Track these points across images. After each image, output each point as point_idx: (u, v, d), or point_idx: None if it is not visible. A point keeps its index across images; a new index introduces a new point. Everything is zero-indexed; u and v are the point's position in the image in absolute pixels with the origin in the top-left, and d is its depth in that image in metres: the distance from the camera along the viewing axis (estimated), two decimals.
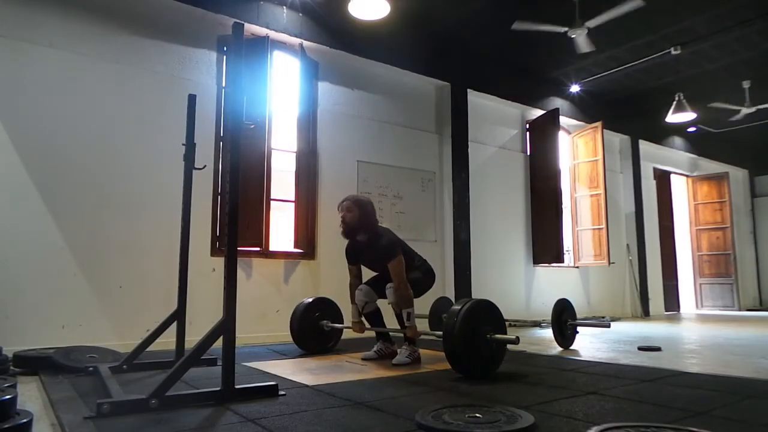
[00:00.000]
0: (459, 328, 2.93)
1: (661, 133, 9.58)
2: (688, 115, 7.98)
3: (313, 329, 4.13)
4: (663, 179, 9.93)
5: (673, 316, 8.77)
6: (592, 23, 5.27)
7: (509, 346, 4.58)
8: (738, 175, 11.31)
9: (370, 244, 3.72)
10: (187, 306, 3.35)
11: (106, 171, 4.36)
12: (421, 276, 3.81)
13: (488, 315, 3.13)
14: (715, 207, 10.35)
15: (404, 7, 5.54)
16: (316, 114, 5.62)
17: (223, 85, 5.06)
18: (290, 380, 2.92)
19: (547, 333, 5.40)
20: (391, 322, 3.93)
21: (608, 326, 4.66)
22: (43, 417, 2.21)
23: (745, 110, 7.90)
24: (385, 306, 3.83)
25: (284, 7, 5.35)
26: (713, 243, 10.34)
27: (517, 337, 3.01)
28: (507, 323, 3.28)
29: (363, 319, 3.85)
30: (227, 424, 2.01)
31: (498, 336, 3.05)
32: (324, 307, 4.25)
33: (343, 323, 4.27)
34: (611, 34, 5.98)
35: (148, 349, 3.20)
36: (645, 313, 8.55)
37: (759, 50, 6.78)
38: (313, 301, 4.25)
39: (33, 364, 3.24)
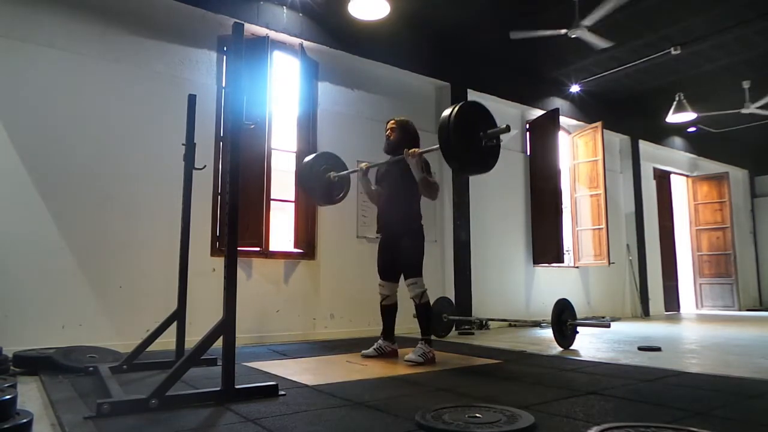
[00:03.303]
0: (454, 124, 2.97)
1: (661, 133, 9.58)
2: (688, 115, 7.97)
3: (321, 182, 4.16)
4: (663, 179, 9.93)
5: (673, 316, 8.77)
6: (588, 21, 5.24)
7: (510, 346, 4.58)
8: (738, 175, 11.30)
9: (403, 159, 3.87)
10: (187, 306, 3.36)
11: (106, 171, 4.36)
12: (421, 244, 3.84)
13: (480, 115, 3.15)
14: (715, 207, 10.34)
15: (404, 7, 5.54)
16: (316, 114, 5.62)
17: (223, 85, 5.06)
18: (290, 380, 2.92)
19: (547, 333, 5.40)
20: (401, 324, 3.94)
21: (608, 326, 4.67)
22: (43, 417, 2.21)
23: (756, 104, 7.84)
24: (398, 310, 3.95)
25: (284, 7, 5.35)
26: (713, 243, 10.33)
27: (508, 126, 3.05)
28: (507, 323, 3.29)
29: (369, 180, 4.01)
30: (227, 424, 2.01)
31: (490, 131, 3.09)
32: (328, 160, 4.26)
33: (347, 169, 4.29)
34: (611, 34, 5.96)
35: (148, 349, 3.20)
36: (645, 313, 8.55)
37: (759, 50, 6.78)
38: (316, 155, 4.28)
39: (33, 364, 3.24)
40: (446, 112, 3.07)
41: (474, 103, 3.24)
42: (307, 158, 4.23)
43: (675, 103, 7.88)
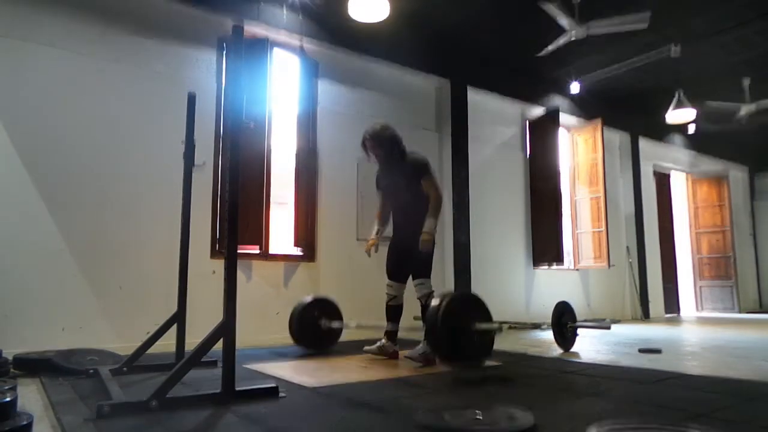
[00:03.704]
0: (441, 325, 2.94)
1: (661, 131, 9.56)
2: (688, 113, 7.96)
3: (312, 328, 4.12)
4: (663, 180, 9.93)
5: (673, 319, 8.77)
6: (594, 30, 5.27)
7: (511, 348, 4.58)
8: (738, 174, 11.29)
9: (400, 162, 3.85)
10: (187, 308, 3.35)
11: (106, 171, 4.35)
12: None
13: (469, 307, 3.14)
14: (714, 209, 10.34)
15: (404, 6, 5.53)
16: (315, 113, 5.61)
17: (223, 84, 5.06)
18: (290, 382, 2.91)
19: (548, 335, 5.39)
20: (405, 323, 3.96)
21: (608, 328, 4.66)
22: (44, 419, 2.20)
23: (746, 108, 7.86)
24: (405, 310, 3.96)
25: (284, 6, 5.35)
26: (713, 245, 10.33)
27: (500, 326, 3.03)
28: (507, 325, 3.30)
29: (378, 241, 3.96)
30: (227, 426, 2.01)
31: (482, 327, 3.08)
32: (323, 306, 4.24)
33: (342, 320, 4.27)
34: (612, 33, 5.97)
35: (148, 351, 3.20)
36: (645, 316, 8.54)
37: (759, 50, 6.78)
38: (312, 300, 4.25)
39: (33, 366, 3.23)
40: (434, 303, 3.04)
41: (466, 296, 3.23)
42: (300, 303, 4.16)
43: (675, 100, 7.87)
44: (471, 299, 3.18)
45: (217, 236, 4.87)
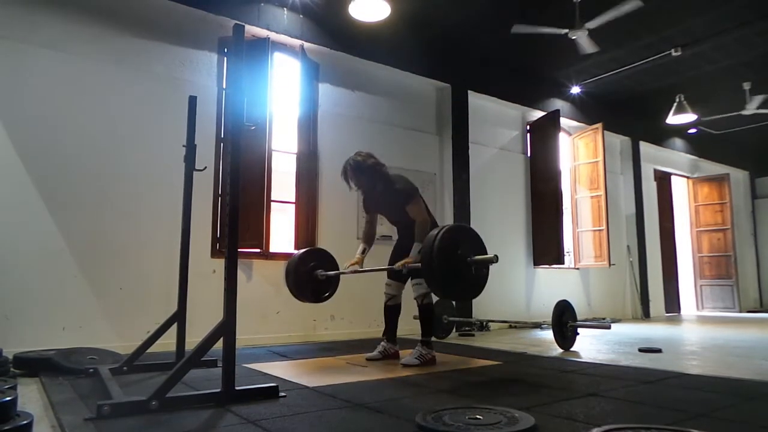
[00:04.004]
0: (437, 253, 2.88)
1: (661, 135, 9.58)
2: (689, 117, 7.97)
3: (309, 280, 4.04)
4: (663, 181, 9.93)
5: (673, 318, 8.77)
6: (591, 24, 5.27)
7: (511, 347, 4.58)
8: (738, 176, 11.29)
9: (385, 190, 3.77)
10: (188, 307, 3.35)
11: (106, 172, 4.36)
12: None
13: (465, 239, 3.10)
14: (715, 208, 10.33)
15: (405, 8, 5.54)
16: (316, 115, 5.62)
17: (224, 86, 5.06)
18: (291, 382, 2.92)
19: (548, 334, 5.40)
20: (401, 325, 3.93)
21: (609, 328, 4.66)
22: (44, 418, 2.21)
23: (755, 103, 7.82)
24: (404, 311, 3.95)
25: (285, 8, 5.35)
26: (714, 244, 10.33)
27: (496, 256, 3.00)
28: (507, 325, 3.28)
29: (363, 260, 3.88)
30: (227, 426, 2.01)
31: (477, 258, 3.03)
32: (318, 257, 4.14)
33: (338, 269, 4.16)
34: (612, 36, 5.98)
35: (148, 351, 3.20)
36: (645, 315, 8.54)
37: (759, 52, 6.78)
38: (306, 251, 4.15)
39: (33, 365, 3.24)
40: (433, 232, 2.99)
41: (461, 227, 3.19)
42: (294, 255, 4.09)
43: (675, 104, 7.88)
44: (466, 231, 3.16)
45: (218, 235, 4.87)
